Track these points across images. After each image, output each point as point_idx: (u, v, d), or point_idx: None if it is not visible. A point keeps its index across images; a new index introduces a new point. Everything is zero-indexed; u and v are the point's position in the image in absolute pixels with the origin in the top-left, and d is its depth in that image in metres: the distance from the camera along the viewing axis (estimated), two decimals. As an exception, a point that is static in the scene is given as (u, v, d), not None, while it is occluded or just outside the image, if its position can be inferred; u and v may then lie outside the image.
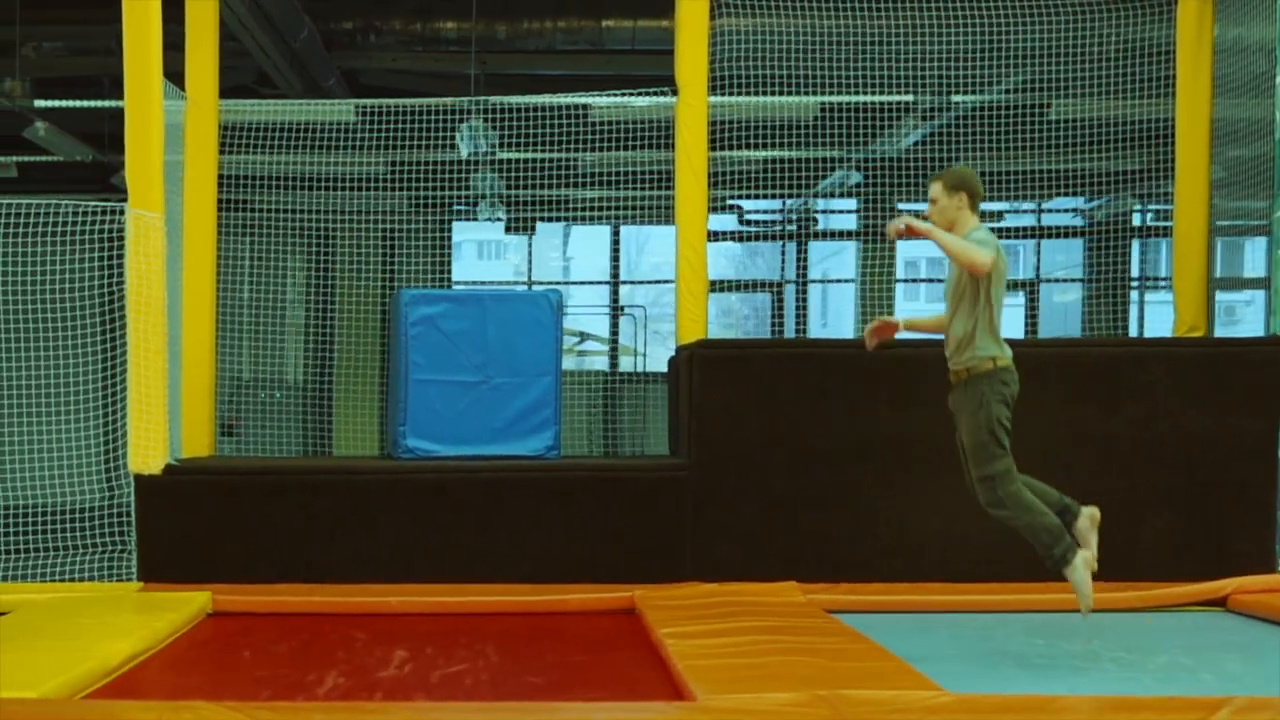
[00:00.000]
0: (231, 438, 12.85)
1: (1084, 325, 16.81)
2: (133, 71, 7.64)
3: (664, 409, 13.85)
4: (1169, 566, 7.36)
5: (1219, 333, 17.00)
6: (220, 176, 14.40)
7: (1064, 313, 19.34)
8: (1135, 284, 16.93)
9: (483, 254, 25.44)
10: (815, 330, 20.19)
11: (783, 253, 16.95)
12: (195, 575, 7.46)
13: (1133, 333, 16.25)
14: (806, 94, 9.99)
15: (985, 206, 16.46)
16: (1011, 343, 5.93)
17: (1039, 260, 17.43)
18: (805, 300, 16.44)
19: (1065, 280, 17.94)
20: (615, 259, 17.10)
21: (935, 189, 5.88)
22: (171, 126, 8.17)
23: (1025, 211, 17.05)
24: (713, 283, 17.35)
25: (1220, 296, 24.84)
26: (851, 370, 7.55)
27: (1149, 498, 7.51)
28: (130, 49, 7.63)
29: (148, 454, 7.60)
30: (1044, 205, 16.62)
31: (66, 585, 7.50)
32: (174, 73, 8.43)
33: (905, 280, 18.90)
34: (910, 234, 5.67)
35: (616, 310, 16.46)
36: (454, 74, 12.55)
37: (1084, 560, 5.78)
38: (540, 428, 8.05)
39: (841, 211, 17.80)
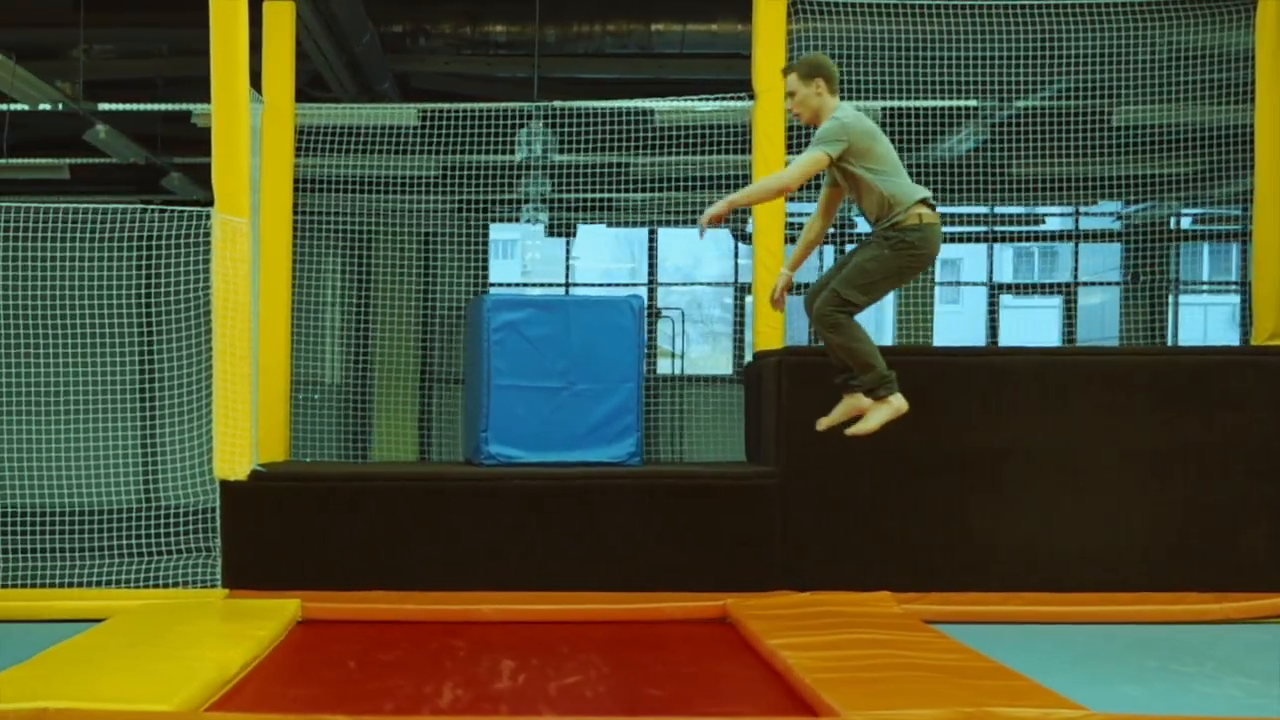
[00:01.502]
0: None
1: (1122, 329, 16.79)
2: (219, 76, 7.60)
3: (702, 412, 13.84)
4: (1267, 577, 7.32)
5: (1237, 338, 16.98)
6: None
7: (1088, 315, 19.35)
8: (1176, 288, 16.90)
9: (491, 254, 25.45)
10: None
11: (820, 256, 16.93)
12: (278, 582, 7.44)
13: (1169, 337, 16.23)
14: (873, 98, 9.95)
15: (1024, 209, 16.41)
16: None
17: (1076, 264, 17.41)
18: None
19: (1102, 284, 17.91)
20: (652, 261, 17.11)
21: (791, 81, 5.85)
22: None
23: (1059, 214, 17.04)
24: (749, 286, 17.36)
25: (1233, 300, 24.88)
26: (942, 378, 7.53)
27: (1245, 508, 7.47)
28: (217, 53, 7.59)
29: (233, 459, 7.58)
30: (1082, 209, 16.60)
31: (153, 591, 7.48)
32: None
33: (943, 284, 18.82)
34: (717, 222, 5.65)
35: (654, 313, 16.43)
36: (505, 77, 12.55)
37: (896, 407, 5.96)
38: (622, 434, 8.02)
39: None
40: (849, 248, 15.39)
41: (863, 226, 17.54)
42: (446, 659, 6.13)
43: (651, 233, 16.99)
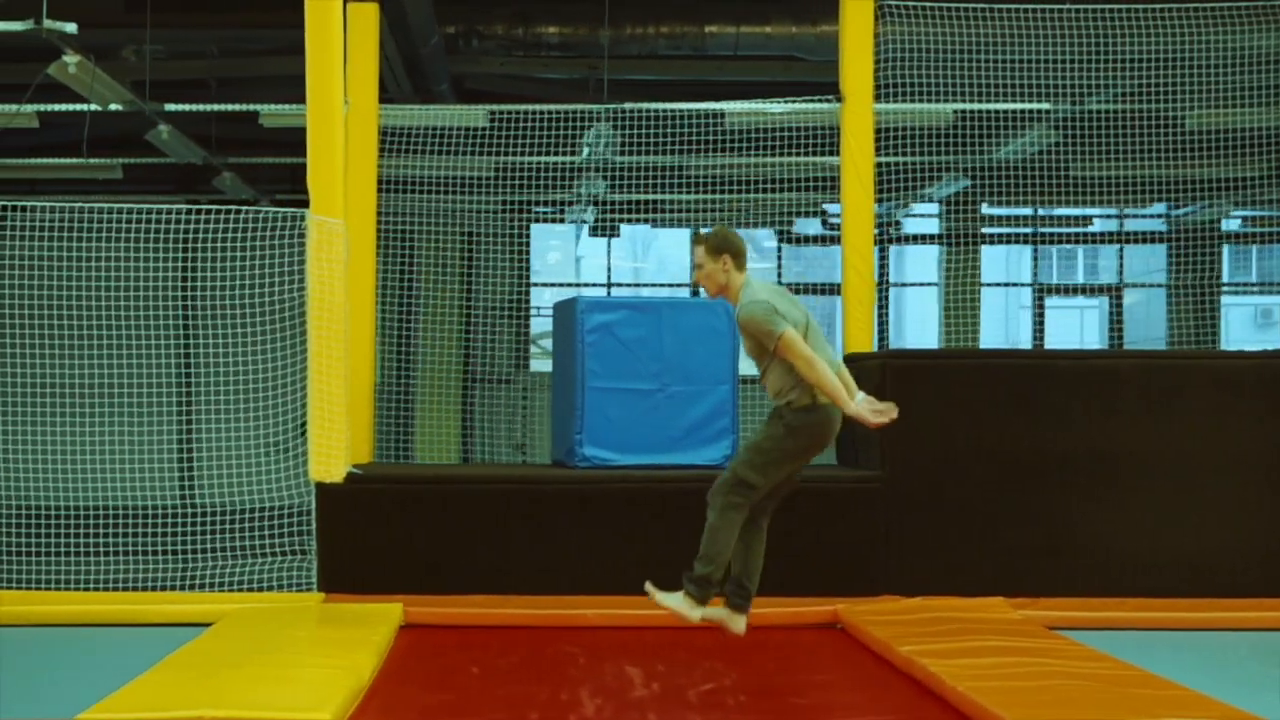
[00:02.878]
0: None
1: (1169, 331, 16.70)
2: (314, 78, 7.56)
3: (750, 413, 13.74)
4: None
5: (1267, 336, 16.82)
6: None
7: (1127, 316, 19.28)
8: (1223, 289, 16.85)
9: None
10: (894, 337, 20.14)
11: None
12: (373, 585, 7.36)
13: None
14: (955, 100, 9.89)
15: (1075, 211, 16.31)
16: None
17: (1121, 265, 17.33)
18: (887, 305, 16.30)
19: (1147, 285, 17.83)
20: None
21: (698, 254, 5.65)
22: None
23: (1102, 215, 16.97)
24: (791, 285, 17.31)
25: (1257, 300, 24.74)
26: (1050, 381, 7.46)
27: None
28: (312, 56, 7.55)
29: (329, 462, 7.51)
30: (1128, 211, 16.54)
31: (248, 595, 7.41)
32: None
33: (990, 284, 18.77)
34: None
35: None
36: (555, 79, 12.49)
37: (701, 616, 5.66)
38: (717, 437, 7.95)
39: (923, 215, 17.72)
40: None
41: (908, 225, 17.54)
42: (569, 665, 6.07)
43: (696, 233, 16.95)
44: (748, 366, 15.48)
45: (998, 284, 19.79)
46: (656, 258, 24.35)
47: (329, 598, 7.37)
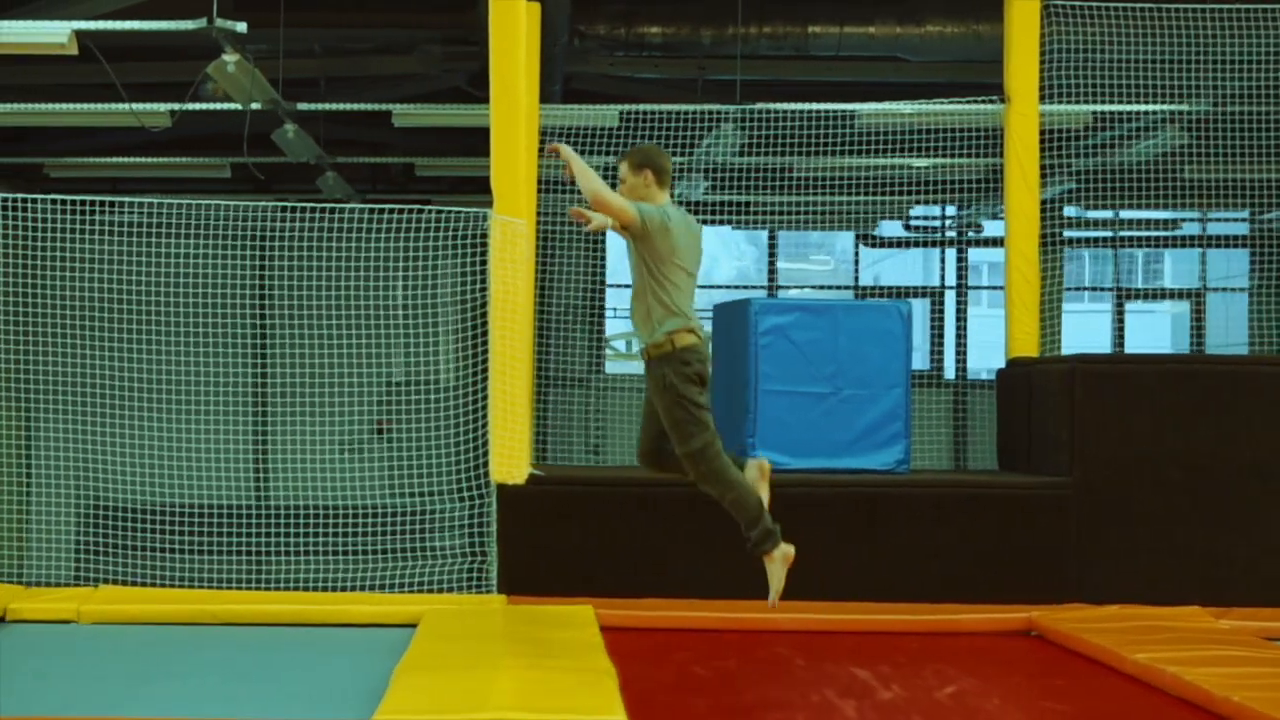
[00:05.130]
0: (382, 439, 12.73)
1: (1251, 337, 16.63)
2: (498, 78, 7.58)
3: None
4: None
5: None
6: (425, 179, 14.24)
7: (1180, 322, 19.23)
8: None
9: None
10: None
11: (942, 259, 16.84)
12: (553, 587, 7.33)
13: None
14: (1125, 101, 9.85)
15: (1157, 214, 16.12)
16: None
17: (1204, 269, 17.25)
18: (965, 307, 16.22)
19: (1231, 290, 17.77)
20: (771, 263, 17.04)
21: (622, 168, 5.74)
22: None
23: (1193, 220, 16.90)
24: (865, 288, 17.25)
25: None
26: (1246, 387, 7.41)
27: None
28: (496, 56, 7.57)
29: (510, 463, 7.50)
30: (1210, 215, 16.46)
31: (430, 596, 7.41)
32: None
33: (1075, 289, 18.71)
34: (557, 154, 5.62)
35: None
36: (663, 79, 12.48)
37: (784, 556, 5.78)
38: (890, 441, 7.91)
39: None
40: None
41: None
42: (792, 668, 6.05)
43: (771, 235, 16.93)
44: (919, 365, 15.17)
45: (1079, 288, 19.68)
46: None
47: (511, 599, 7.35)
